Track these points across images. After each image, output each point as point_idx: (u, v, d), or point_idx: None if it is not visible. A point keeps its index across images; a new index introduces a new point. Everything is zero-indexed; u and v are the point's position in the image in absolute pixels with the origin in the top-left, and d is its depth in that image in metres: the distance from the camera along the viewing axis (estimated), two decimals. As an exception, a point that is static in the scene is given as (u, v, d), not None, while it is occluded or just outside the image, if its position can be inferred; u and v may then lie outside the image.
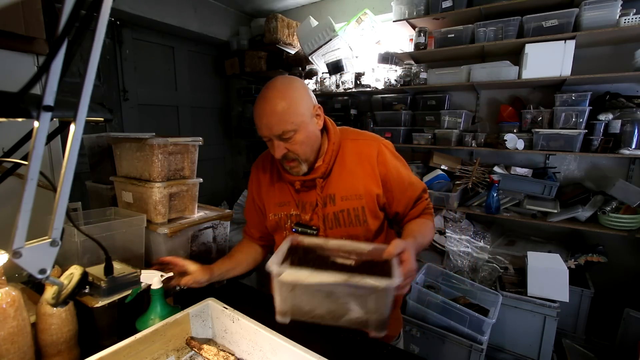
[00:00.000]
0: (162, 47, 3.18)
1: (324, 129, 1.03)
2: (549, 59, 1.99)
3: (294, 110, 0.90)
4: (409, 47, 2.62)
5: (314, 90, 2.96)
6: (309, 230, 1.01)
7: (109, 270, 0.93)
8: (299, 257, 0.84)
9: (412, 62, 2.66)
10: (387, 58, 2.61)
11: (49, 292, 0.73)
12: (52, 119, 0.48)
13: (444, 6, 2.25)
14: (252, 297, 1.22)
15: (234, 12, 3.51)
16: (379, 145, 1.02)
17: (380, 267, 0.78)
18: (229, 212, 1.40)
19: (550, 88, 2.25)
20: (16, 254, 0.48)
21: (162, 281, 0.93)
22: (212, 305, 0.91)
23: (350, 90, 2.80)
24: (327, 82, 2.93)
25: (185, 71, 3.40)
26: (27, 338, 0.78)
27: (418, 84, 2.51)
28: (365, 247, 0.86)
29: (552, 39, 1.98)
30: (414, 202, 1.06)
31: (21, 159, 0.75)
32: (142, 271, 0.94)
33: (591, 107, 1.99)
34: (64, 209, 0.52)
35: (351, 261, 0.84)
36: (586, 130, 1.97)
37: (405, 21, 2.42)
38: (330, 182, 1.01)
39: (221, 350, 0.84)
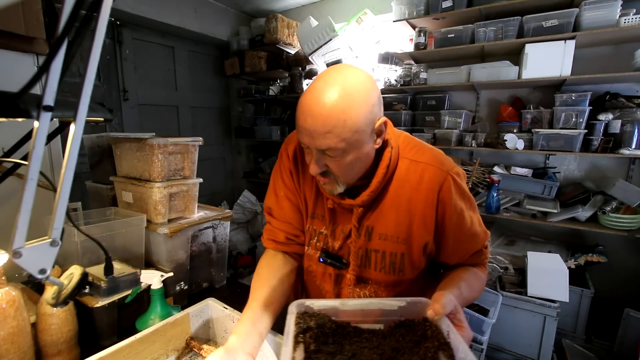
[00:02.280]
0: (162, 47, 3.18)
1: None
2: (548, 59, 1.99)
3: (351, 123, 0.65)
4: (409, 47, 2.62)
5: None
6: (338, 264, 0.85)
7: (109, 270, 0.93)
8: (313, 333, 0.62)
9: (412, 62, 2.66)
10: (387, 58, 2.61)
11: (49, 292, 0.73)
12: (52, 119, 0.48)
13: (444, 6, 2.25)
14: (252, 297, 1.22)
15: (234, 12, 3.51)
16: (446, 176, 0.77)
17: (422, 331, 0.62)
18: (229, 212, 1.40)
19: (550, 88, 2.25)
20: (16, 254, 0.48)
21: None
22: (212, 305, 0.91)
23: (350, 90, 2.79)
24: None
25: (185, 71, 3.40)
26: (27, 338, 0.78)
27: (418, 84, 2.51)
28: (395, 303, 0.67)
29: (552, 39, 1.98)
30: (469, 256, 0.85)
31: (21, 159, 0.75)
32: (142, 271, 0.94)
33: (591, 107, 1.99)
34: (64, 209, 0.52)
35: (380, 325, 0.68)
36: (586, 130, 1.97)
37: (405, 21, 2.42)
38: (369, 211, 0.81)
39: (221, 350, 0.84)
